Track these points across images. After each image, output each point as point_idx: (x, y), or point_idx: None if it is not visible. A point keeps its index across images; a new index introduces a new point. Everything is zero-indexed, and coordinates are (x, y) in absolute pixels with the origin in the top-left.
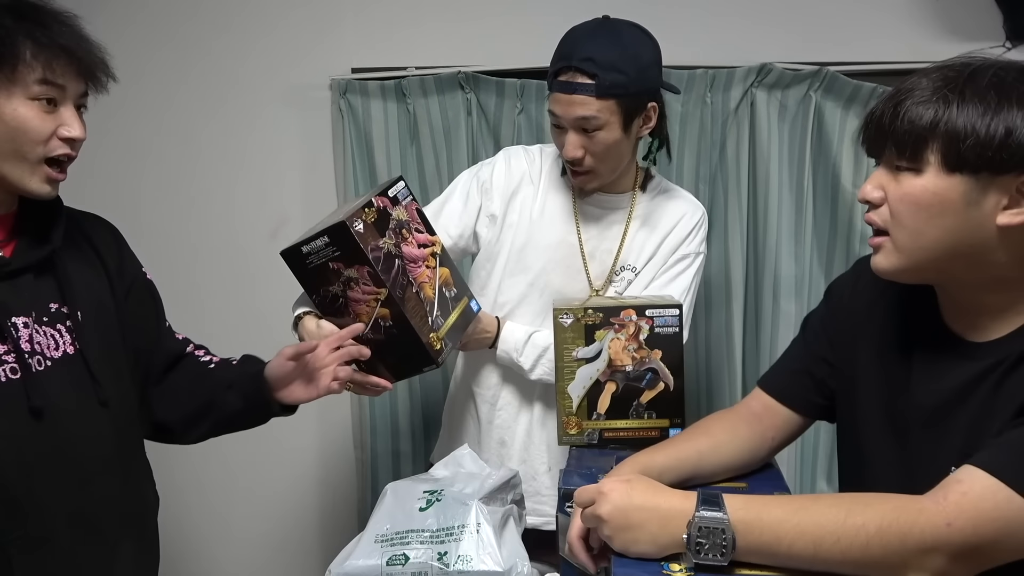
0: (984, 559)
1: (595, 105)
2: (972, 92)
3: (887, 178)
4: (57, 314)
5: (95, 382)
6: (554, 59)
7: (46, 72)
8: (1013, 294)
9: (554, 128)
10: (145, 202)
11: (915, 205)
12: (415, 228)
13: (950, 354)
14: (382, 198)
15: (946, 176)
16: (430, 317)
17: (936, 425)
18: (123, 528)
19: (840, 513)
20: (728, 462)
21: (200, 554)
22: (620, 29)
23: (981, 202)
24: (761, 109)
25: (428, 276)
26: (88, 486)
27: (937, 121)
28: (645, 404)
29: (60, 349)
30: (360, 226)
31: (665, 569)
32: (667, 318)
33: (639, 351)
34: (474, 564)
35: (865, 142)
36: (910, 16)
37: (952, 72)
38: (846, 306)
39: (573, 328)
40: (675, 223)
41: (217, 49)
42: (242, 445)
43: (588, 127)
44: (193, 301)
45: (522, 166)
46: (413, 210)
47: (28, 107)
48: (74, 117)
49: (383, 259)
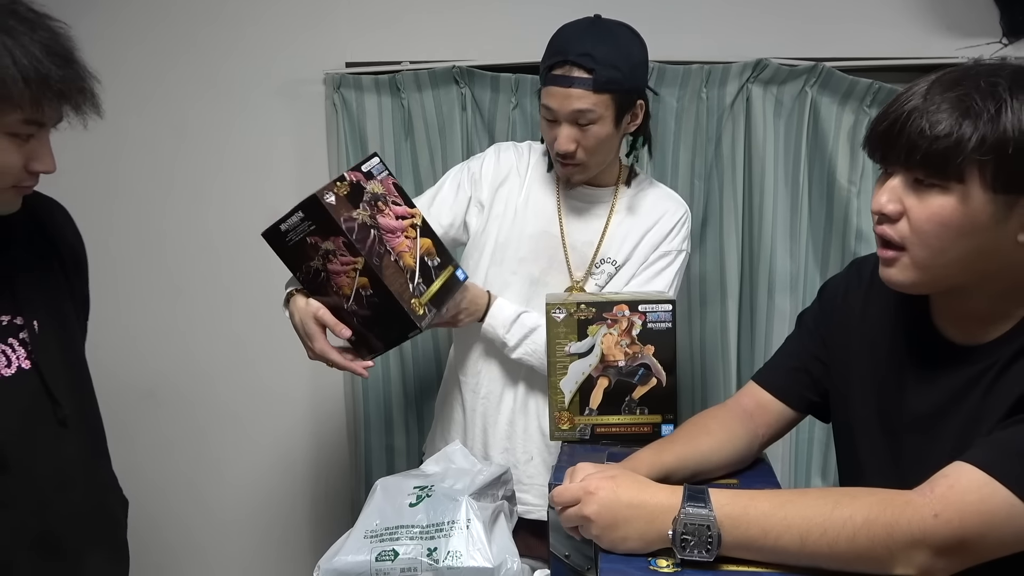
0: (970, 553)
1: (591, 99)
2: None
3: (906, 192)
4: (9, 327)
5: (53, 401)
6: (548, 54)
7: (33, 112)
8: (1006, 301)
9: (546, 122)
10: (137, 197)
11: (942, 225)
12: (392, 201)
13: (941, 358)
14: (355, 172)
15: (979, 196)
16: (411, 284)
17: (928, 429)
18: (89, 544)
19: (827, 506)
20: (727, 460)
21: (191, 549)
22: (612, 28)
23: (1007, 220)
24: (757, 105)
25: (408, 246)
26: (49, 508)
27: (975, 140)
28: (637, 400)
29: (13, 366)
30: (332, 198)
31: (652, 565)
32: (660, 313)
33: (632, 346)
34: (464, 560)
35: (878, 150)
36: (906, 11)
37: (985, 84)
38: (840, 307)
39: (566, 323)
40: (657, 219)
41: (210, 43)
42: (234, 438)
43: (583, 120)
44: (186, 296)
45: (510, 159)
46: (390, 184)
47: (3, 141)
48: (47, 150)
49: (357, 229)
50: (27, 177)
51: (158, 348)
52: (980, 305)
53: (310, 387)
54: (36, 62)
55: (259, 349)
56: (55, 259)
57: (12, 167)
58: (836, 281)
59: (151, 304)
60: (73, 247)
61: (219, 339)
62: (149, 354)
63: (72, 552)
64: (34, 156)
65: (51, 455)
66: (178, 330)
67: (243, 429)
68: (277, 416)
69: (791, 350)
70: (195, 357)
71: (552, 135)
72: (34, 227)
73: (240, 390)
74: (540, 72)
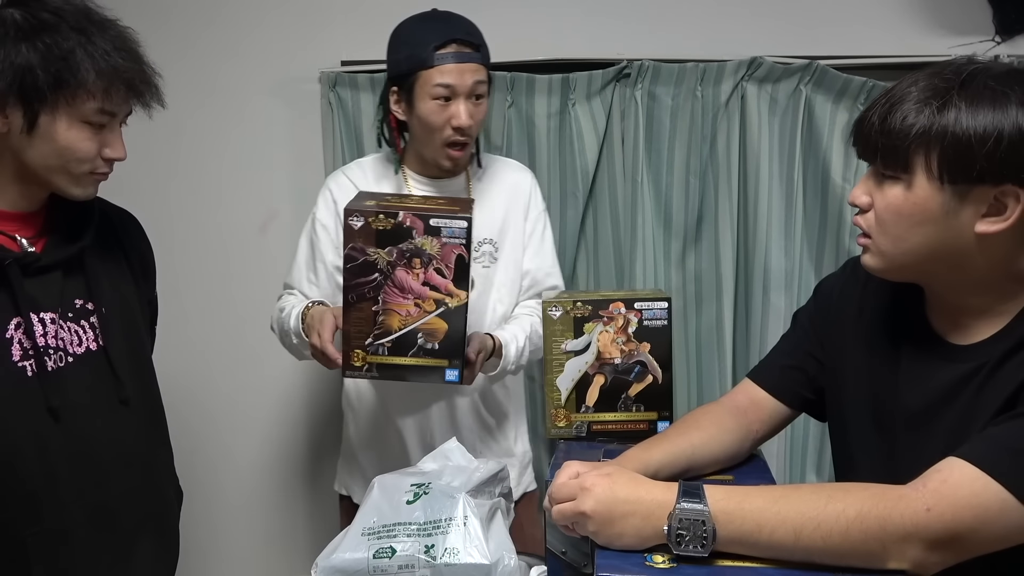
0: (962, 547)
1: (483, 72)
2: (956, 104)
3: (874, 185)
4: (82, 310)
5: (117, 379)
6: (422, 39)
7: (104, 102)
8: (993, 296)
9: (436, 103)
10: (133, 196)
11: (896, 214)
12: (436, 267)
13: (935, 356)
14: (416, 219)
15: (927, 186)
16: (369, 337)
17: (921, 427)
18: (142, 524)
19: (820, 500)
20: (718, 456)
21: (189, 547)
22: (455, 13)
23: (960, 211)
24: (751, 103)
25: (408, 311)
26: (107, 482)
27: (918, 133)
28: (633, 397)
29: (83, 345)
30: (358, 223)
31: (648, 560)
32: (655, 311)
33: (627, 344)
34: (461, 557)
35: (856, 145)
36: (900, 10)
37: (941, 81)
38: (835, 306)
39: (562, 321)
40: (513, 188)
41: (206, 42)
42: (231, 439)
43: (478, 93)
44: (183, 295)
45: (348, 187)
46: (452, 253)
47: (79, 129)
48: (119, 139)
49: (359, 262)
50: (102, 164)
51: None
52: (966, 301)
53: (308, 385)
54: (107, 56)
55: (257, 347)
56: (124, 261)
57: (88, 153)
58: (831, 280)
59: None
60: (142, 253)
61: (216, 337)
62: None
63: (126, 530)
64: (107, 143)
65: (113, 431)
66: (175, 328)
67: (240, 427)
68: (275, 414)
69: (786, 348)
70: (192, 355)
71: (447, 114)
72: (108, 230)
73: (238, 388)
74: (410, 60)
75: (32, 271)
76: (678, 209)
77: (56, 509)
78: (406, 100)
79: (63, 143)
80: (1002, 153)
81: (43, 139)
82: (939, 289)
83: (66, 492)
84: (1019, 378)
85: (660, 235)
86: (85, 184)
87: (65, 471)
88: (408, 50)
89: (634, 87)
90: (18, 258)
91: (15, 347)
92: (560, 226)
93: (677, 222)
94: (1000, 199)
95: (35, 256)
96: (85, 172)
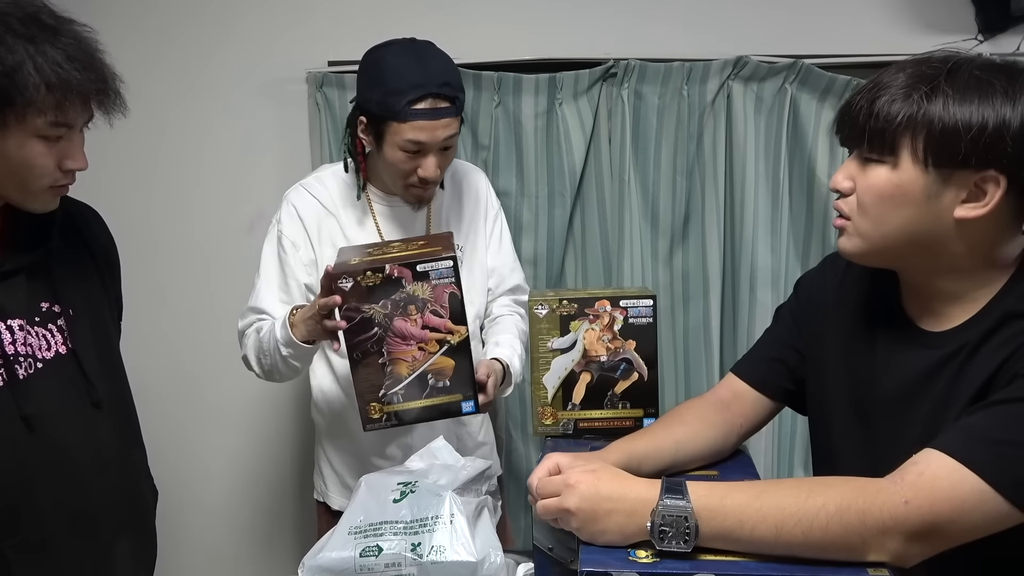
0: (941, 538)
1: (455, 124)
2: (944, 90)
3: (856, 169)
4: (48, 313)
5: (88, 383)
6: (397, 87)
7: (57, 115)
8: (966, 282)
9: (405, 154)
10: (119, 196)
11: (879, 195)
12: (432, 310)
13: (910, 344)
14: (403, 268)
15: (912, 169)
16: (383, 389)
17: (898, 414)
18: (120, 526)
19: (800, 495)
20: (702, 450)
21: (177, 547)
22: (435, 48)
23: (941, 195)
24: (737, 102)
25: (413, 356)
26: (84, 488)
27: (906, 117)
28: (620, 394)
29: (52, 349)
30: (347, 284)
31: (631, 555)
32: (641, 308)
33: (613, 341)
34: (447, 555)
35: (839, 133)
36: (884, 9)
37: (928, 69)
38: (815, 299)
39: (548, 319)
40: (469, 190)
41: (191, 42)
42: (217, 439)
43: (447, 145)
44: (169, 295)
45: (312, 204)
46: (444, 293)
47: (34, 144)
48: (78, 148)
49: (358, 322)
50: (62, 176)
51: (142, 348)
52: (940, 287)
53: (296, 387)
54: (57, 67)
55: None
56: (89, 258)
57: (45, 167)
58: (811, 275)
59: (134, 304)
60: (106, 248)
61: (204, 338)
62: (134, 354)
63: (105, 533)
64: (66, 155)
65: (87, 436)
66: (162, 330)
67: (226, 429)
68: (260, 416)
69: (768, 341)
70: (180, 356)
71: (414, 165)
72: (71, 228)
73: (225, 390)
74: (384, 106)
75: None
76: (665, 207)
77: (34, 518)
78: (374, 136)
79: (17, 160)
80: (986, 140)
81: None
82: (914, 275)
83: (44, 500)
84: (993, 364)
85: (647, 233)
86: (44, 199)
87: (42, 479)
88: (381, 95)
89: (621, 86)
90: None
91: None
92: (548, 225)
93: (664, 220)
94: (980, 185)
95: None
96: (44, 187)
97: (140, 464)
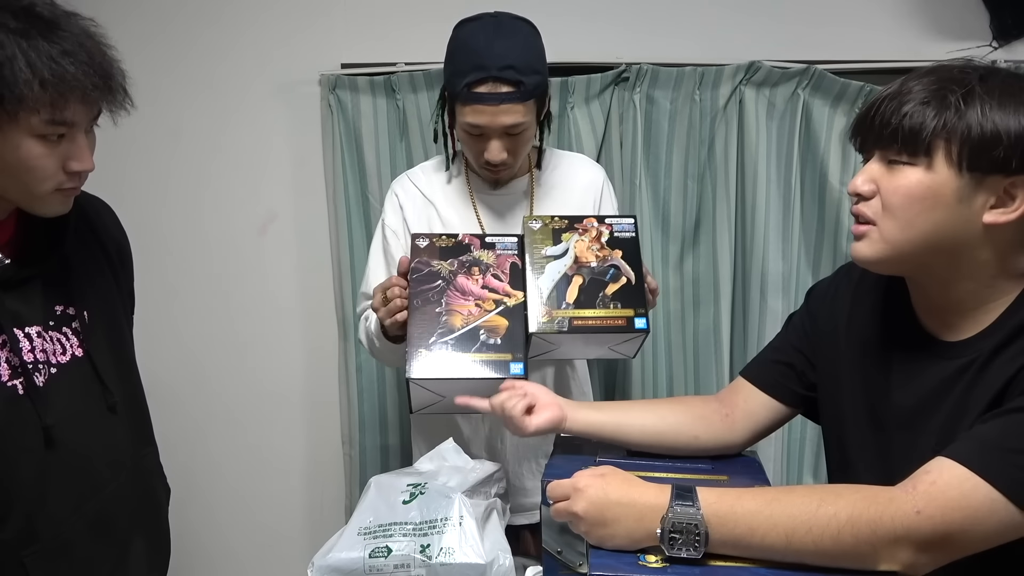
0: (953, 548)
1: (520, 110)
2: (980, 95)
3: (880, 172)
4: (63, 316)
5: (103, 386)
6: (461, 68)
7: (54, 113)
8: (982, 292)
9: (470, 136)
10: (134, 198)
11: (909, 197)
12: (494, 273)
13: (925, 354)
14: (474, 237)
15: (944, 171)
16: (432, 337)
17: (913, 425)
18: (135, 526)
19: (812, 503)
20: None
21: (186, 547)
22: (516, 27)
23: (972, 199)
24: (749, 107)
25: (469, 311)
26: (101, 491)
27: (943, 120)
28: (610, 295)
29: (68, 353)
30: (423, 243)
31: (641, 560)
32: (624, 225)
33: (601, 251)
34: (456, 556)
35: (858, 136)
36: (898, 15)
37: (958, 73)
38: (828, 307)
39: (541, 231)
40: (585, 188)
41: (206, 44)
42: (229, 438)
43: (513, 132)
44: (182, 296)
45: (413, 192)
46: (507, 262)
47: (32, 144)
48: (83, 149)
49: (424, 273)
50: (67, 179)
51: (153, 348)
52: (956, 297)
53: (305, 387)
54: (51, 63)
55: (255, 349)
56: (103, 256)
57: (47, 169)
58: (823, 284)
59: (147, 304)
60: (119, 244)
61: (215, 339)
62: (144, 354)
63: (121, 534)
64: (69, 156)
65: (103, 441)
66: (174, 330)
67: (238, 428)
68: (272, 416)
69: (777, 346)
70: (191, 357)
71: (480, 148)
72: (84, 225)
73: (236, 389)
74: (450, 85)
75: (11, 284)
76: (676, 212)
77: (52, 525)
78: (449, 113)
79: (14, 163)
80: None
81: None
82: (930, 284)
83: (62, 507)
84: (1007, 374)
85: (658, 238)
86: (52, 203)
87: (60, 486)
88: (448, 73)
89: (632, 91)
90: None
91: (3, 366)
92: None
93: (675, 225)
94: (1009, 190)
95: (12, 269)
96: (49, 190)
97: (153, 463)
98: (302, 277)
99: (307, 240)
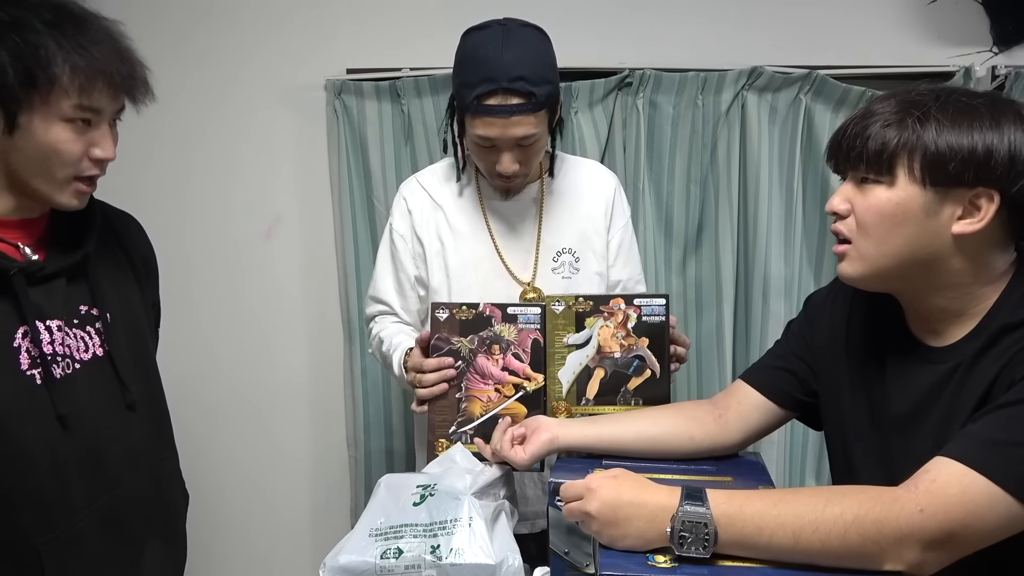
0: (957, 545)
1: (532, 121)
2: (936, 114)
3: (853, 191)
4: (87, 316)
5: (122, 385)
6: (469, 79)
7: (82, 97)
8: (962, 299)
9: (480, 148)
10: (140, 202)
11: (880, 214)
12: (514, 353)
13: (917, 360)
14: (495, 308)
15: (909, 188)
16: (452, 425)
17: (910, 430)
18: (150, 528)
19: (819, 503)
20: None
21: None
22: (526, 35)
23: (939, 212)
24: (752, 112)
25: (489, 397)
26: (116, 488)
27: (902, 139)
28: (632, 390)
29: (90, 351)
30: (443, 315)
31: (650, 560)
32: (654, 307)
33: (627, 338)
34: (466, 557)
35: (832, 159)
36: (899, 21)
37: (917, 96)
38: (826, 319)
39: (564, 315)
40: (596, 195)
41: (212, 50)
42: (236, 442)
43: (525, 143)
44: (188, 300)
45: (421, 196)
46: (528, 338)
47: (61, 128)
48: (107, 137)
49: (444, 352)
50: (89, 166)
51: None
52: (938, 305)
53: (310, 390)
54: (82, 50)
55: (260, 354)
56: (127, 264)
57: (72, 153)
58: (821, 293)
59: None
60: (145, 256)
61: (220, 344)
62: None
63: (135, 534)
64: (94, 143)
65: (120, 436)
66: (179, 335)
67: (243, 431)
68: (277, 418)
69: (777, 352)
70: (197, 361)
71: (491, 160)
72: (111, 234)
73: (241, 392)
74: (460, 96)
75: (37, 279)
76: (679, 216)
77: (68, 516)
78: (459, 123)
79: (43, 143)
80: (976, 161)
81: (25, 140)
82: (913, 295)
83: (77, 499)
84: (992, 373)
85: (661, 242)
86: (69, 193)
87: (75, 478)
88: (457, 85)
89: (636, 96)
90: (23, 267)
91: (23, 356)
92: None
93: (678, 229)
94: (974, 201)
95: (39, 264)
96: (69, 176)
97: (172, 468)
98: (307, 281)
99: (312, 244)
